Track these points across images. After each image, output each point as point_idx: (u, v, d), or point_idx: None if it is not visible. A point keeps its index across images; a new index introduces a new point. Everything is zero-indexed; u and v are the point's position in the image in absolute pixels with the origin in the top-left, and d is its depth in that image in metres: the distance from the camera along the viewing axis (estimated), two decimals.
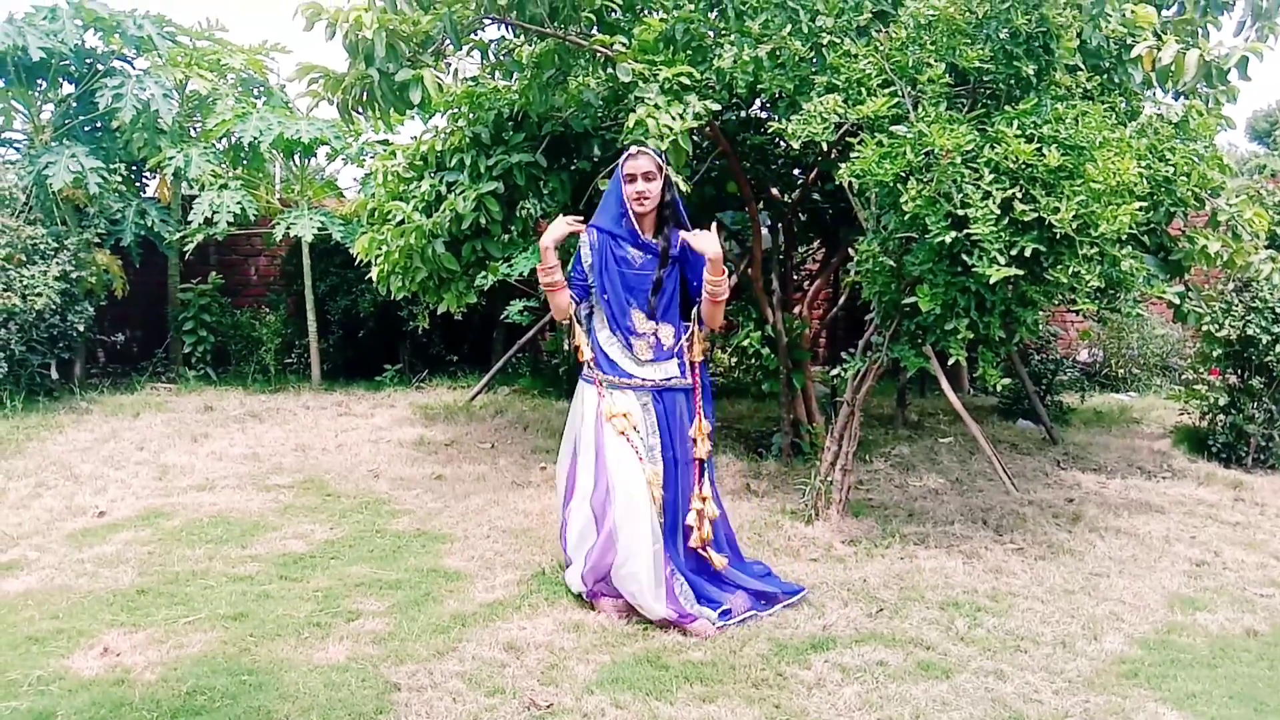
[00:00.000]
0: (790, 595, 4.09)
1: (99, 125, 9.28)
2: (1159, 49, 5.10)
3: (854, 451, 5.14)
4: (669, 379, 4.00)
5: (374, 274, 6.69)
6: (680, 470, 4.00)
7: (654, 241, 3.99)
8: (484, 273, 6.53)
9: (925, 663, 3.54)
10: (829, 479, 5.12)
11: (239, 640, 3.64)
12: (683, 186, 4.81)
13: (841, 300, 7.87)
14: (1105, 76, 5.23)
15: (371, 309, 9.80)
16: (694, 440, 4.03)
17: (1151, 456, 6.94)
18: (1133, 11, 5.15)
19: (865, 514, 5.33)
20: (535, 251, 6.47)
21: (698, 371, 4.09)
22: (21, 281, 8.02)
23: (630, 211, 3.93)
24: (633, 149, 3.96)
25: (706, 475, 4.07)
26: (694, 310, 4.07)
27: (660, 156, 3.97)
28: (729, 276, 4.02)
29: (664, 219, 4.00)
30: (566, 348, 9.89)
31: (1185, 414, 7.28)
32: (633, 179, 3.91)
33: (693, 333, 4.08)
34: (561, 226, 3.94)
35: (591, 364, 4.05)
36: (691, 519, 4.02)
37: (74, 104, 9.26)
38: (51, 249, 8.42)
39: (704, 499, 4.04)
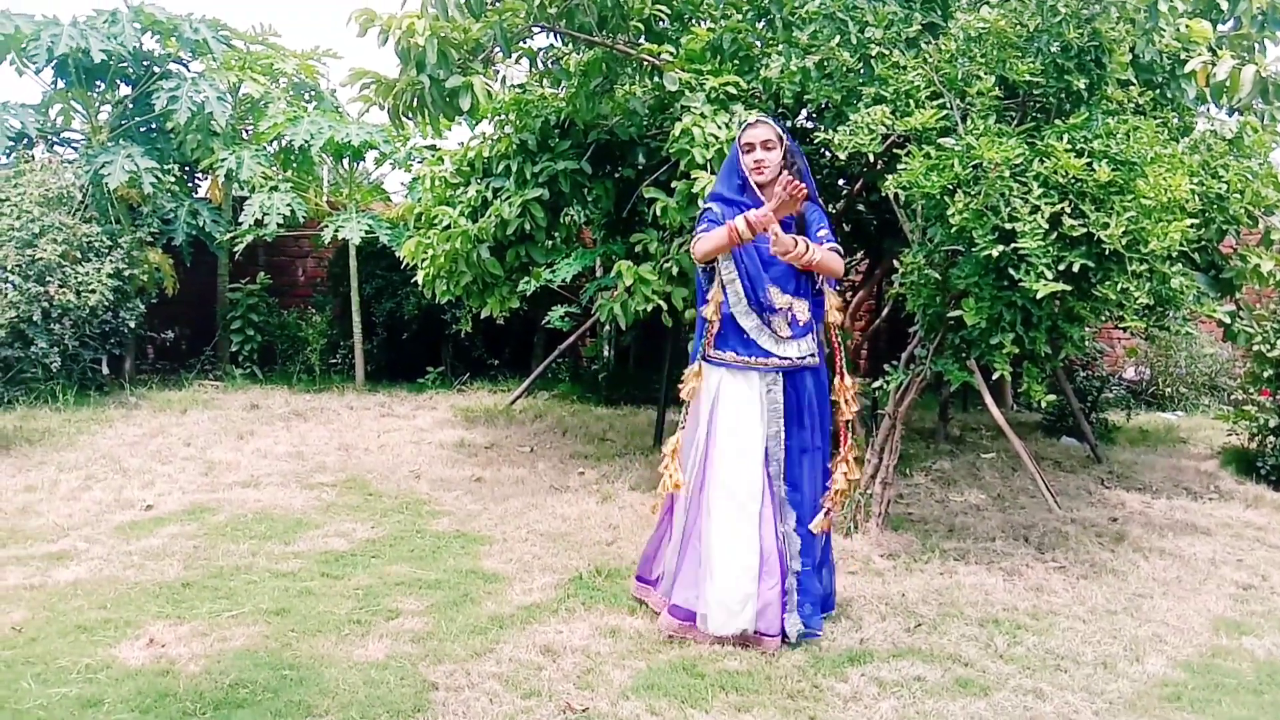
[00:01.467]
0: (827, 610, 4.06)
1: (154, 126, 9.48)
2: (1214, 64, 5.03)
3: (894, 465, 5.11)
4: (804, 356, 3.83)
5: (420, 277, 6.78)
6: (808, 459, 3.86)
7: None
8: (527, 278, 6.59)
9: (963, 679, 3.51)
10: (869, 492, 5.09)
11: (281, 635, 3.70)
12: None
13: (884, 312, 7.82)
14: (1158, 91, 5.17)
15: (415, 312, 9.91)
16: (836, 403, 3.91)
17: (1198, 477, 6.82)
18: (1187, 26, 5.09)
19: (905, 528, 5.30)
20: (577, 257, 6.52)
21: (835, 334, 3.94)
22: (76, 278, 8.20)
23: (751, 182, 3.78)
24: (751, 118, 3.87)
25: (849, 438, 3.96)
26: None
27: (780, 125, 3.84)
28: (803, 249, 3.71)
29: None
30: (606, 353, 9.93)
31: (1234, 435, 7.15)
32: (750, 148, 3.78)
33: (822, 294, 3.90)
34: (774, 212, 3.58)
35: (713, 345, 3.86)
36: (826, 499, 3.89)
37: (131, 105, 9.46)
38: (106, 247, 8.61)
39: (847, 462, 3.90)
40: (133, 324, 8.84)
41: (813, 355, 3.88)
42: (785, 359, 3.81)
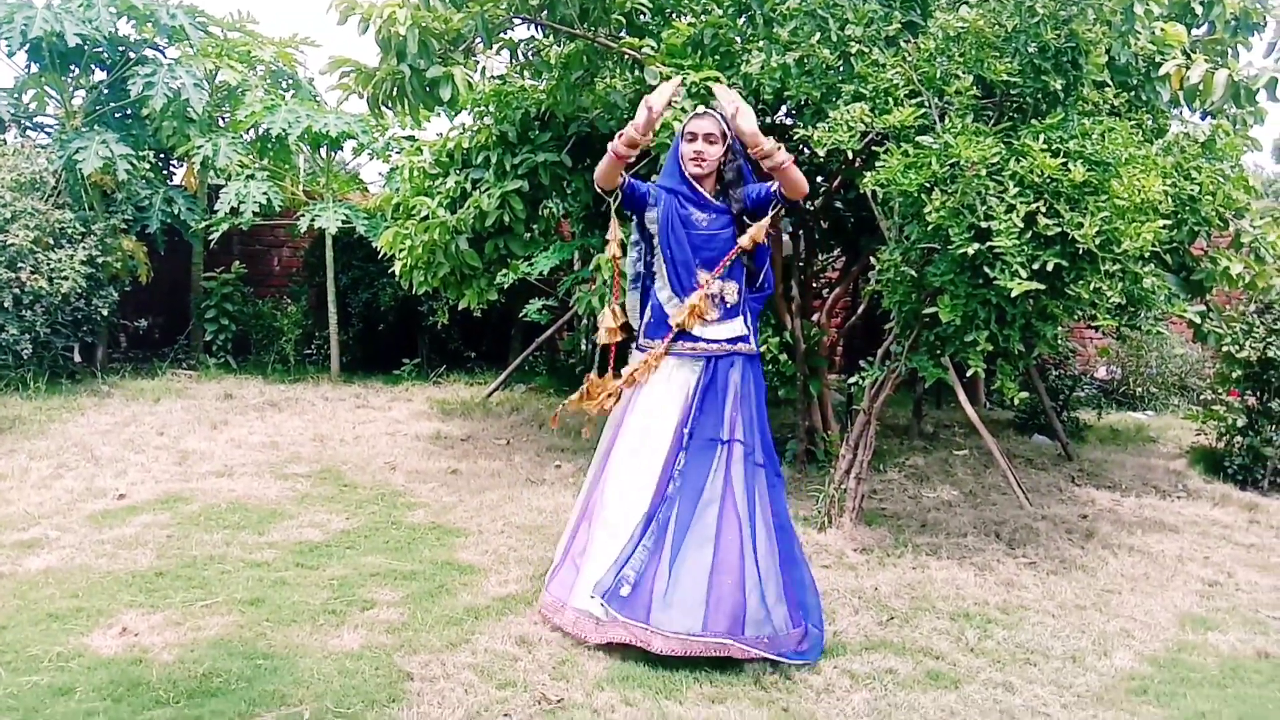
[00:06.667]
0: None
1: (129, 112, 9.38)
2: (1188, 68, 5.10)
3: (869, 460, 5.14)
4: (735, 340, 3.78)
5: (397, 268, 6.76)
6: (710, 452, 3.66)
7: (720, 203, 3.80)
8: (505, 270, 6.59)
9: (934, 672, 3.55)
10: (843, 487, 5.13)
11: (255, 625, 3.68)
12: None
13: (860, 309, 7.87)
14: (1133, 94, 5.23)
15: (392, 303, 9.87)
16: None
17: (1167, 476, 6.91)
18: (1162, 30, 5.16)
19: (878, 523, 5.34)
20: (556, 250, 6.52)
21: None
22: (49, 265, 8.11)
23: (686, 173, 3.77)
24: (699, 108, 3.85)
25: None
26: (769, 198, 3.78)
27: (725, 123, 3.76)
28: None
29: (726, 184, 3.81)
30: (583, 347, 9.93)
31: (1202, 434, 7.25)
32: (693, 138, 3.75)
33: (778, 208, 3.79)
34: (668, 90, 3.71)
35: (644, 334, 3.90)
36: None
37: (106, 91, 9.36)
38: (79, 234, 8.52)
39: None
40: (105, 311, 8.76)
41: (745, 340, 3.81)
42: (714, 342, 3.77)
